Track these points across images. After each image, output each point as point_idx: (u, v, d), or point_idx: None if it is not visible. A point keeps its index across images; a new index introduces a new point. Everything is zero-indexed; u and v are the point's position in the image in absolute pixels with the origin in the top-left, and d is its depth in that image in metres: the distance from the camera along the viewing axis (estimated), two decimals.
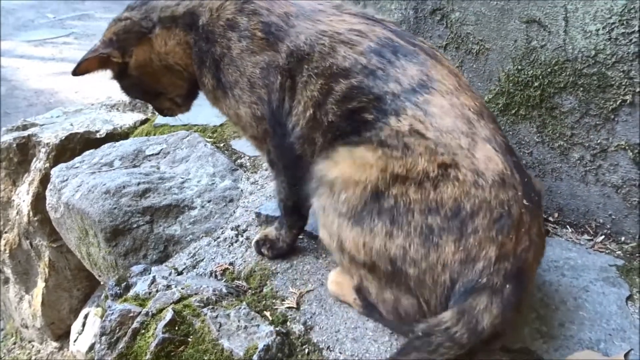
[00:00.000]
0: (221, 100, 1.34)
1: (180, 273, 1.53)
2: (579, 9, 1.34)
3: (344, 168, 1.08)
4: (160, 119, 2.55)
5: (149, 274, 1.47)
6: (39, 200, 2.33)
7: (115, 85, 1.50)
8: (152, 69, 1.38)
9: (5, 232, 2.62)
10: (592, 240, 1.49)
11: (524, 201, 1.01)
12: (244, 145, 2.23)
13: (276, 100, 1.23)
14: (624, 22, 1.26)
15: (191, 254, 1.63)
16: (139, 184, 1.87)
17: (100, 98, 5.86)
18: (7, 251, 2.61)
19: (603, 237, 1.49)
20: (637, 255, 1.41)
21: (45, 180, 2.27)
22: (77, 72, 1.37)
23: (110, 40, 1.36)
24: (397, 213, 1.00)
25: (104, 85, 6.23)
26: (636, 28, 1.25)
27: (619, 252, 1.44)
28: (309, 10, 1.23)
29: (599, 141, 1.41)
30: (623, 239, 1.46)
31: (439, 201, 0.98)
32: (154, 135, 2.41)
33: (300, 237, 1.52)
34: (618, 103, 1.34)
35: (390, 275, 1.05)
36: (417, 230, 0.99)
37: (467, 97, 1.09)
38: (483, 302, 0.97)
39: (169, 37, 1.34)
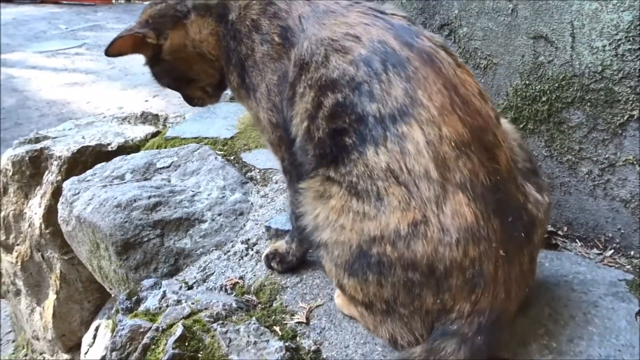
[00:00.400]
0: (244, 99, 1.34)
1: (190, 287, 1.55)
2: (585, 25, 1.34)
3: (328, 233, 1.09)
4: (171, 132, 2.58)
5: (160, 288, 1.48)
6: (50, 213, 2.36)
7: (126, 96, 1.52)
8: (186, 54, 1.36)
9: (17, 245, 2.65)
10: (601, 254, 1.49)
11: (500, 251, 0.99)
12: (254, 158, 2.25)
13: (285, 109, 1.22)
14: (630, 39, 1.27)
15: (201, 268, 1.65)
16: (149, 197, 1.89)
17: (112, 108, 5.95)
18: (19, 263, 2.65)
19: (612, 251, 1.48)
20: None
21: (57, 193, 2.29)
22: (109, 51, 1.34)
23: (146, 21, 1.34)
24: (382, 267, 1.01)
25: (115, 95, 6.31)
26: None
27: (629, 266, 1.43)
28: (322, 11, 1.19)
29: (607, 156, 1.41)
30: (632, 253, 1.45)
31: (414, 259, 0.98)
32: (165, 148, 2.43)
33: (310, 250, 1.52)
34: (625, 118, 1.34)
35: (386, 313, 1.08)
36: (400, 282, 1.00)
37: (453, 122, 1.00)
38: (451, 346, 1.00)
39: (203, 25, 1.33)
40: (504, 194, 1.02)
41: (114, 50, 1.34)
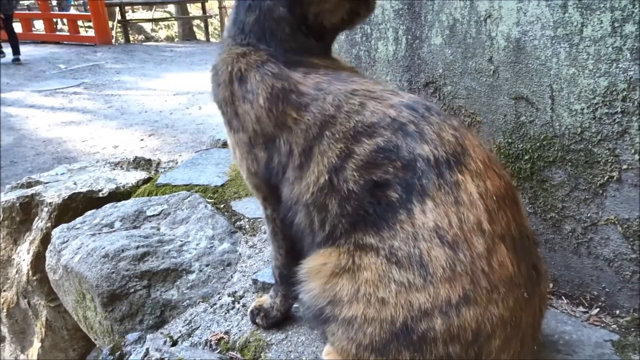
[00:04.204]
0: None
1: (175, 342, 1.53)
2: (563, 89, 1.38)
3: (360, 309, 0.99)
4: (162, 178, 2.60)
5: (143, 344, 1.47)
6: (39, 260, 2.35)
7: (122, 135, 1.49)
8: None
9: (4, 291, 2.62)
10: (587, 312, 1.49)
11: (525, 294, 0.97)
12: (244, 207, 2.26)
13: (277, 165, 1.15)
14: (607, 103, 1.31)
15: (187, 321, 1.63)
16: (137, 247, 1.89)
17: (107, 147, 5.99)
18: (5, 310, 2.61)
19: (598, 309, 1.48)
20: (632, 330, 1.40)
21: (46, 239, 2.29)
22: None
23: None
24: (423, 343, 0.93)
25: (111, 134, 6.36)
26: (619, 109, 1.29)
27: (614, 325, 1.43)
28: (343, 77, 1.14)
29: (589, 215, 1.43)
30: (618, 312, 1.45)
31: (461, 326, 0.92)
32: (156, 194, 2.44)
33: (296, 305, 1.52)
34: (605, 179, 1.37)
35: None
36: (438, 358, 0.94)
37: (493, 177, 0.99)
38: None
39: None
40: (527, 248, 1.02)
41: None
